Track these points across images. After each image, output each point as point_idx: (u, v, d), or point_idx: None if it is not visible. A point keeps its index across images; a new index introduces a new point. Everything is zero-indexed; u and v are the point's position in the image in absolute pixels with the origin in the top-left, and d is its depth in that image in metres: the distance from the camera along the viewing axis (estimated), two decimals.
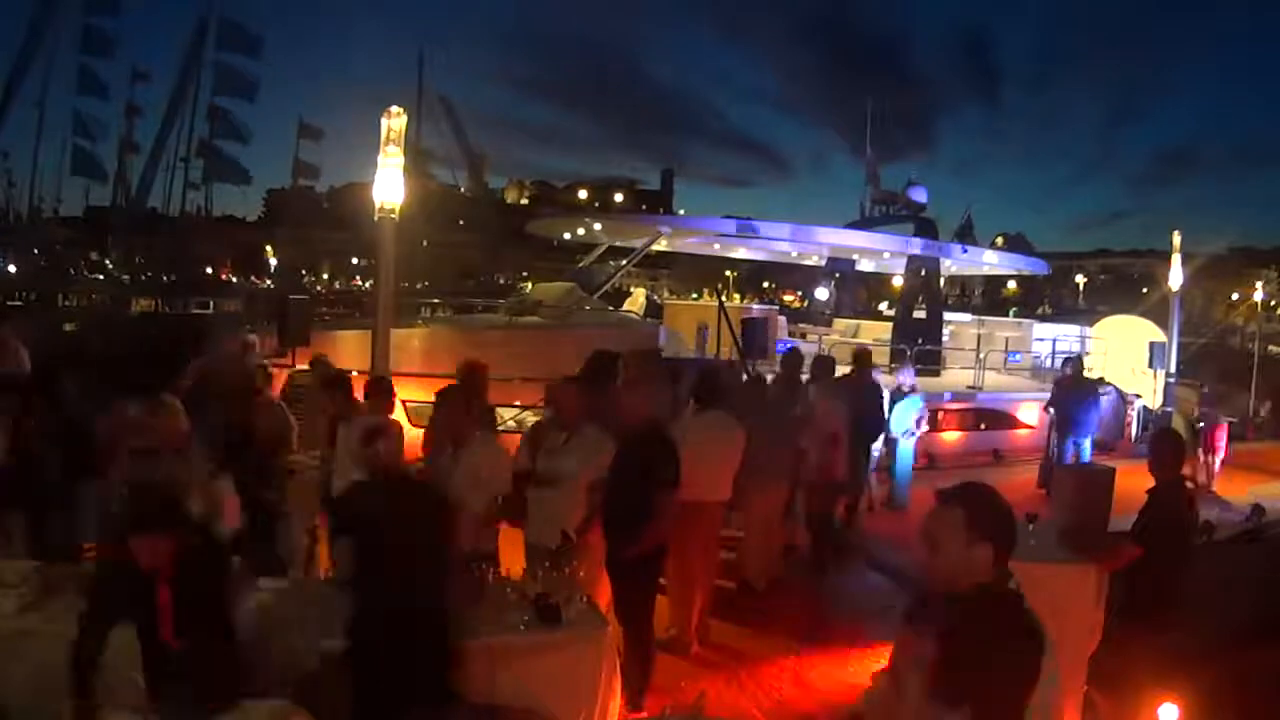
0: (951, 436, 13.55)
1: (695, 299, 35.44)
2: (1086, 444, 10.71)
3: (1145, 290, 46.70)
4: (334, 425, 5.79)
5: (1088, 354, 17.80)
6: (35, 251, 44.88)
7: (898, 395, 9.71)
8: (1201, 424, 12.01)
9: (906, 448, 9.72)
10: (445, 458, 4.77)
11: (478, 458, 4.72)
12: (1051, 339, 17.84)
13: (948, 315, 18.70)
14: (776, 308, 18.85)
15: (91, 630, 3.19)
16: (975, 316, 21.01)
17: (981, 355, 15.23)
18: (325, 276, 70.38)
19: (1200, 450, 11.45)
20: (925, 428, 10.08)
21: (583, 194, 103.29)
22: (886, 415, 9.25)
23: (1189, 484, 4.96)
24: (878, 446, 9.35)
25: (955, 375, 15.77)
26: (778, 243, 18.23)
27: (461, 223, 75.55)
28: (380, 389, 5.92)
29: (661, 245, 16.39)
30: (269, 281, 53.73)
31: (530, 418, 9.35)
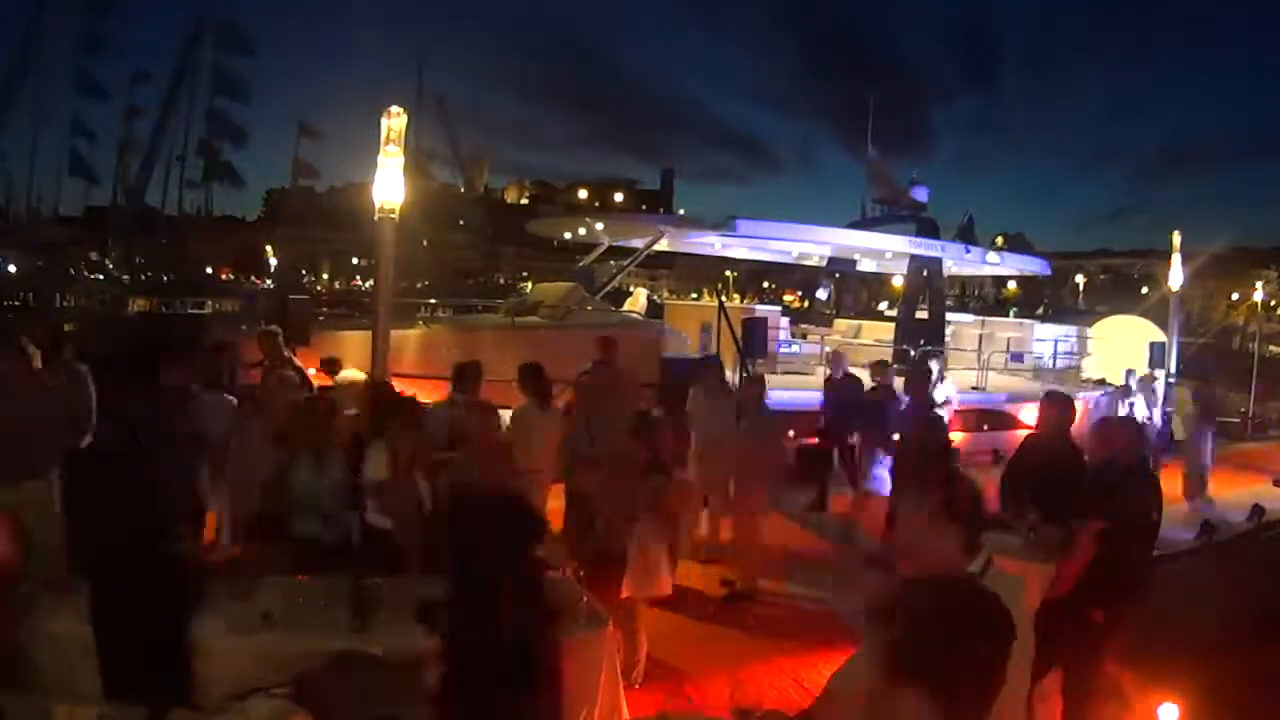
0: (955, 437, 13.59)
1: (695, 299, 35.42)
2: None
3: (1145, 290, 46.72)
4: None
5: (1089, 354, 17.83)
6: (35, 251, 44.86)
7: None
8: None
9: None
10: None
11: None
12: (1053, 339, 17.83)
13: (949, 316, 18.68)
14: (779, 309, 18.82)
15: None
16: (977, 317, 20.98)
17: (984, 356, 15.22)
18: (325, 276, 70.38)
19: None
20: None
21: (583, 194, 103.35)
22: None
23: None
24: None
25: (958, 376, 15.77)
26: (779, 243, 18.22)
27: (461, 223, 75.59)
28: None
29: (662, 245, 16.39)
30: (269, 281, 53.70)
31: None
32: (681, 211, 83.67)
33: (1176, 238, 16.33)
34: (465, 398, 6.24)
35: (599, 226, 16.96)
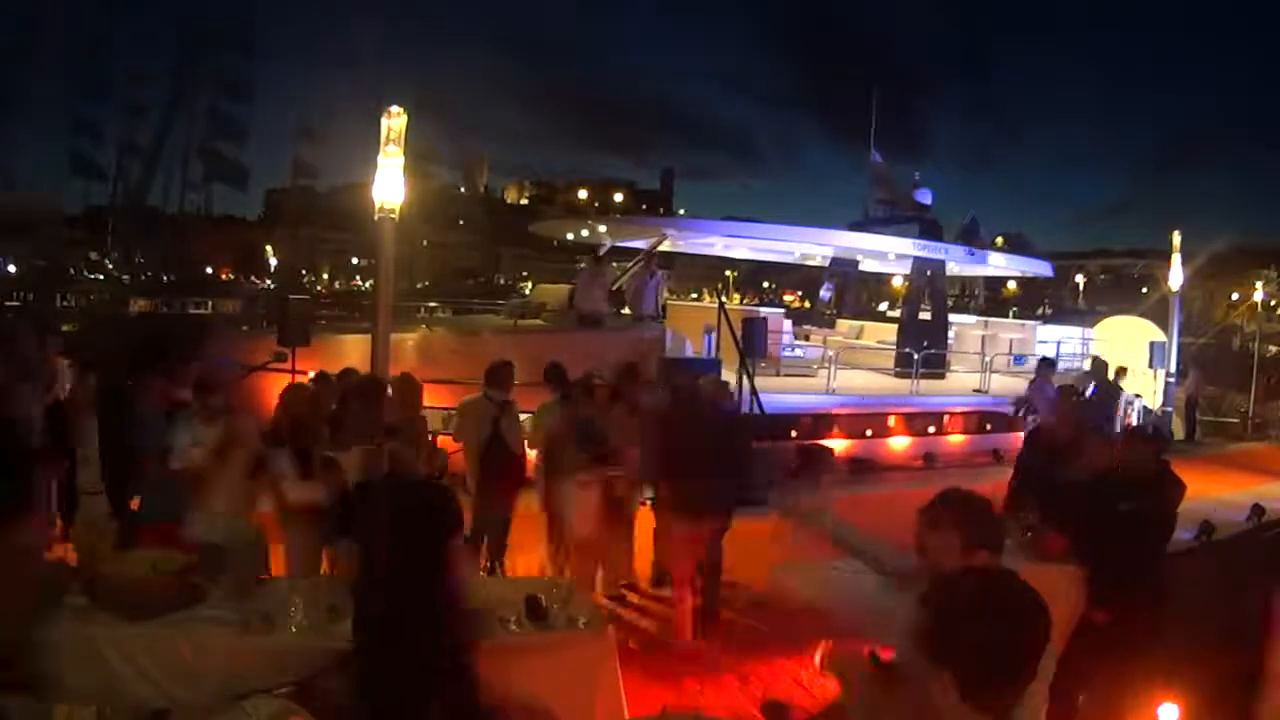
0: (956, 439, 13.67)
1: (695, 299, 35.41)
2: None
3: (1145, 290, 46.67)
4: None
5: (1089, 355, 17.84)
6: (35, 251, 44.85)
7: None
8: None
9: None
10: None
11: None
12: (1055, 340, 17.84)
13: (951, 317, 18.69)
14: (782, 310, 18.82)
15: None
16: (979, 318, 21.00)
17: (987, 358, 15.22)
18: (325, 276, 70.41)
19: None
20: None
21: (583, 194, 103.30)
22: None
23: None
24: None
25: (961, 378, 15.78)
26: (782, 243, 18.22)
27: (461, 223, 75.66)
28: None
29: (663, 245, 16.40)
30: (269, 281, 53.71)
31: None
32: (682, 211, 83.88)
33: (1176, 238, 16.33)
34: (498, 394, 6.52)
35: (601, 228, 16.95)
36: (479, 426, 6.38)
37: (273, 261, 57.86)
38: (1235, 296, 48.69)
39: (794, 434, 11.84)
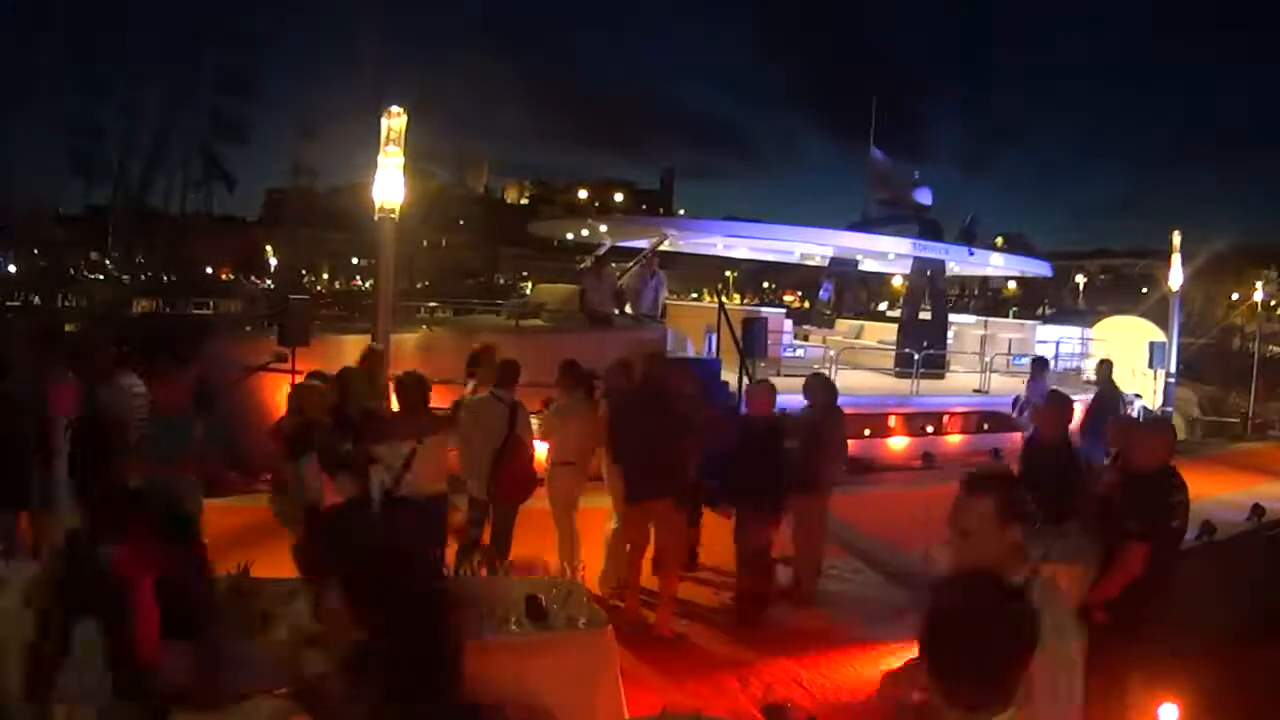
0: (955, 439, 13.67)
1: (695, 299, 35.42)
2: None
3: (1145, 290, 46.65)
4: None
5: (1088, 355, 17.87)
6: (35, 251, 44.89)
7: None
8: None
9: None
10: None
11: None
12: (1055, 340, 17.85)
13: (951, 317, 18.69)
14: (783, 310, 18.84)
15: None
16: (979, 318, 21.03)
17: (986, 358, 15.23)
18: (325, 276, 70.42)
19: None
20: None
21: (583, 194, 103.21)
22: None
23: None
24: None
25: (960, 378, 15.79)
26: (782, 243, 18.24)
27: (461, 223, 75.67)
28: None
29: (664, 246, 16.41)
30: (269, 282, 53.74)
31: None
32: (682, 211, 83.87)
33: (1176, 237, 16.34)
34: (507, 394, 6.44)
35: (602, 228, 16.96)
36: (492, 427, 6.34)
37: (273, 261, 57.88)
38: (1235, 296, 48.68)
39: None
